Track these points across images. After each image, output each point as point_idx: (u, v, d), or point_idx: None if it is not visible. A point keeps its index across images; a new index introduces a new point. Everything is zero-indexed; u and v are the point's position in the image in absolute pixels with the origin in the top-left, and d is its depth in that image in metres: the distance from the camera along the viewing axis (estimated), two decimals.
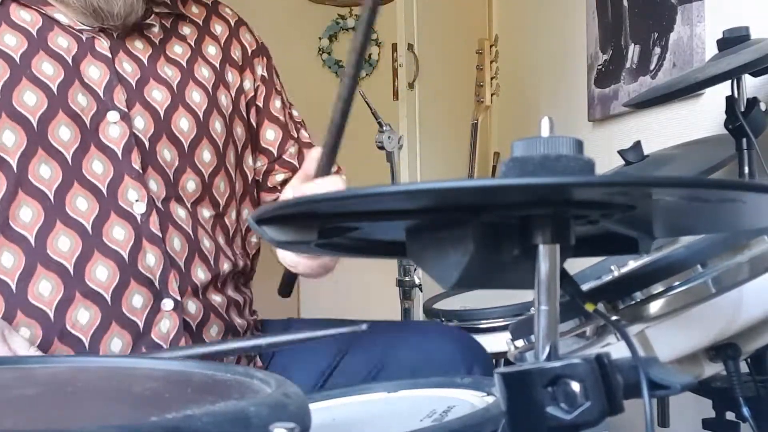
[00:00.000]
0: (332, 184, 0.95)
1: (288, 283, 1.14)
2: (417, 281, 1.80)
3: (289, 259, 1.06)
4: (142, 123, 1.00)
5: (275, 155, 1.18)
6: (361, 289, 2.83)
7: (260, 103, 1.17)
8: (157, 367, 0.63)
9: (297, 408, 0.48)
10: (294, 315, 1.25)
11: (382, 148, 1.82)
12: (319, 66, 3.36)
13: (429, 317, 1.54)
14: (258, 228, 0.54)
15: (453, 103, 2.73)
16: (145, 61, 1.04)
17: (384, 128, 1.79)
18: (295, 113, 1.23)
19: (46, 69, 0.97)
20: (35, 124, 0.95)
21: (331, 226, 0.55)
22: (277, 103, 1.19)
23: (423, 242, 0.55)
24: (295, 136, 1.21)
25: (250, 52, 1.17)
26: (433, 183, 0.45)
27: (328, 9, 3.23)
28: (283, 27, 3.17)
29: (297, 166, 1.19)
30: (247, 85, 1.15)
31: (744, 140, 1.25)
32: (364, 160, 2.30)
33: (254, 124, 1.16)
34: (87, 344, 0.93)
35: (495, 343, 1.33)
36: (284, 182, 1.18)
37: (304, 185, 0.96)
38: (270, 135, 1.17)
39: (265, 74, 1.18)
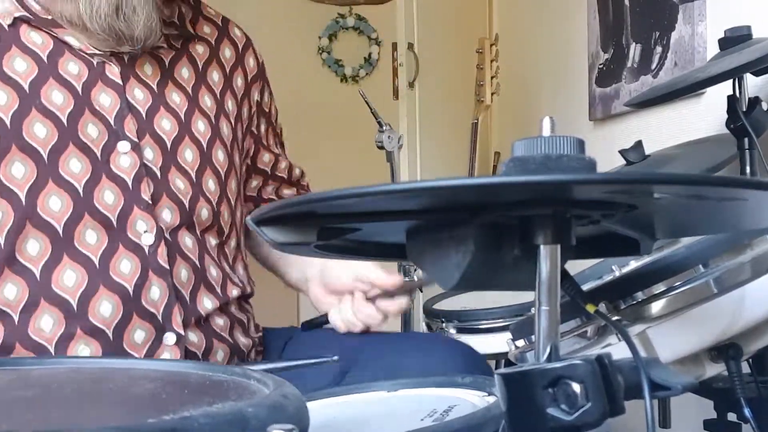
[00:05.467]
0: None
1: (318, 324, 1.15)
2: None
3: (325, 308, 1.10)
4: (151, 154, 0.99)
5: (269, 173, 1.22)
6: None
7: (254, 129, 1.18)
8: (154, 368, 0.63)
9: (295, 409, 0.48)
10: (294, 318, 1.24)
11: (382, 147, 1.81)
12: (318, 65, 3.36)
13: (429, 318, 1.53)
14: (257, 229, 0.53)
15: (453, 103, 2.73)
16: (155, 87, 1.03)
17: (384, 128, 1.79)
18: (277, 123, 1.26)
19: (56, 98, 0.95)
20: (46, 157, 0.93)
21: (330, 227, 0.54)
22: (263, 127, 1.20)
23: (423, 243, 0.55)
24: (278, 152, 1.24)
25: (250, 78, 1.17)
26: (433, 181, 0.44)
27: (328, 8, 3.22)
28: (282, 26, 3.16)
29: (285, 178, 1.24)
30: (245, 113, 1.16)
31: (746, 140, 1.24)
32: (364, 159, 2.30)
33: (250, 149, 1.18)
34: None
35: (495, 343, 1.33)
36: (273, 191, 1.23)
37: None
38: (266, 158, 1.21)
39: (259, 99, 1.19)
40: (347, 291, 1.07)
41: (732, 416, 1.06)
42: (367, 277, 1.05)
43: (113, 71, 1.00)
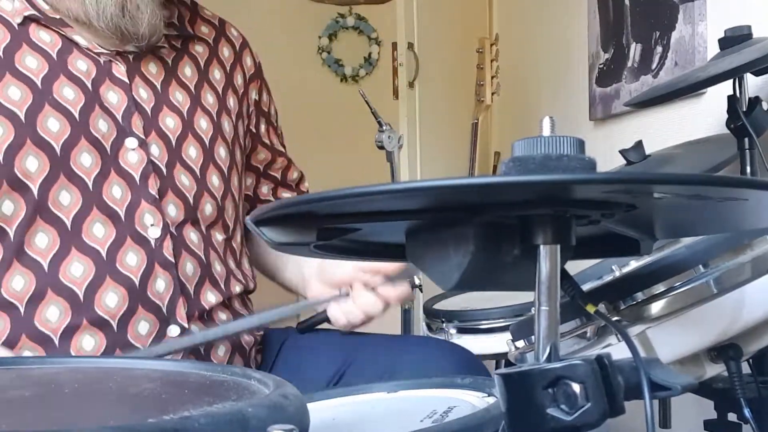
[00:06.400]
0: None
1: (313, 325, 1.14)
2: (417, 282, 1.79)
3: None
4: (157, 150, 1.01)
5: (261, 171, 1.22)
6: None
7: (253, 128, 1.20)
8: (154, 367, 0.63)
9: (296, 409, 0.48)
10: (294, 318, 1.24)
11: (382, 147, 1.81)
12: (318, 65, 3.36)
13: (429, 318, 1.53)
14: (256, 229, 0.53)
15: (453, 103, 2.72)
16: (159, 87, 1.05)
17: (384, 128, 1.79)
18: (278, 123, 1.26)
19: (68, 94, 0.97)
20: (58, 151, 0.95)
21: (330, 227, 0.54)
22: (263, 126, 1.21)
23: (423, 243, 0.55)
24: (280, 150, 1.24)
25: (248, 77, 1.19)
26: (433, 181, 0.44)
27: (328, 7, 3.22)
28: (282, 25, 3.16)
29: (278, 178, 1.24)
30: (245, 111, 1.17)
31: (746, 140, 1.24)
32: (364, 159, 2.30)
33: (248, 147, 1.19)
34: None
35: (495, 343, 1.33)
36: (269, 192, 1.23)
37: None
38: (260, 156, 1.22)
39: (257, 98, 1.20)
40: (347, 283, 1.06)
41: (732, 416, 1.06)
42: (369, 264, 1.03)
43: (120, 70, 1.02)
